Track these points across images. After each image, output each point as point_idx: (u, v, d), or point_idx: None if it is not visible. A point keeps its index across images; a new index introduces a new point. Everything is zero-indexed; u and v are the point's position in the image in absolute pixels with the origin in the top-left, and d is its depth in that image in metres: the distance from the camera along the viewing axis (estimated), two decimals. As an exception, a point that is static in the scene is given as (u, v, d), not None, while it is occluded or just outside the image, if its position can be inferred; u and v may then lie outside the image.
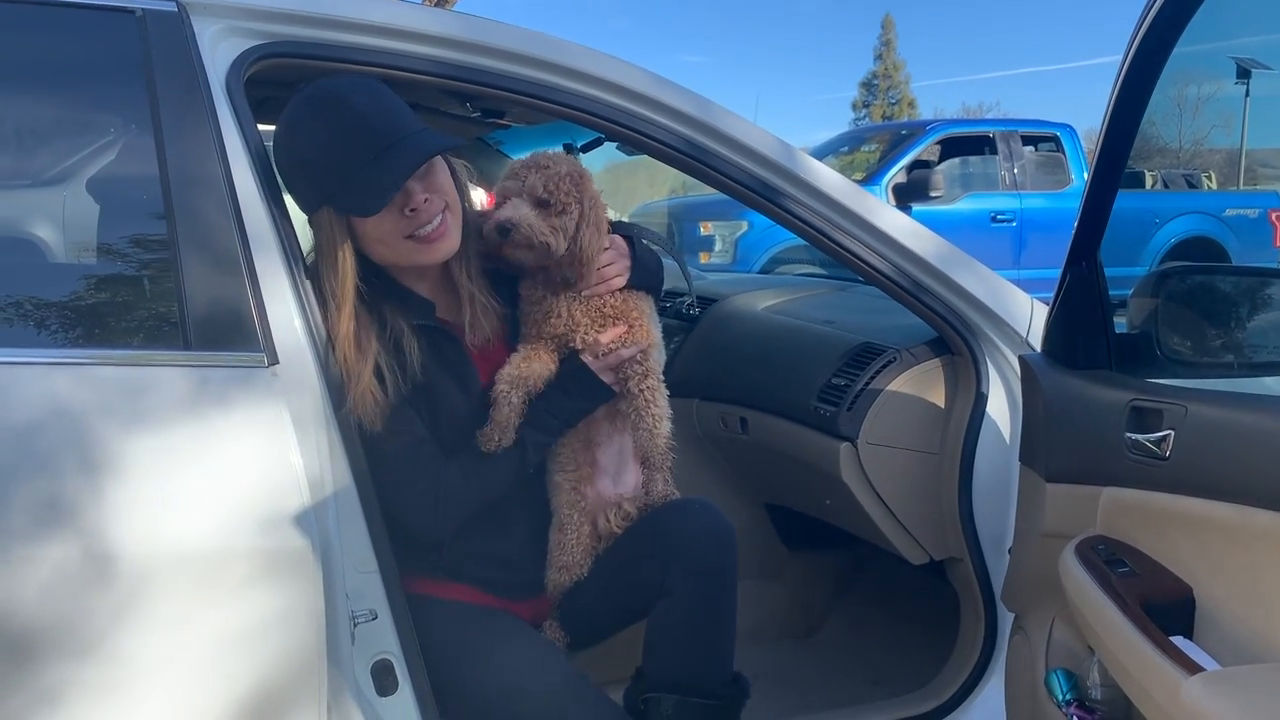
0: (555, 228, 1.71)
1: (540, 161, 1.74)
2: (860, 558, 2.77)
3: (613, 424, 1.86)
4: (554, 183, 1.72)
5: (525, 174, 1.73)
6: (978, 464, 2.03)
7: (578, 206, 1.73)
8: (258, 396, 1.44)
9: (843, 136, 10.74)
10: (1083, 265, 1.61)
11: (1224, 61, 7.77)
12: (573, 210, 1.73)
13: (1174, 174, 11.04)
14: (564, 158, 1.77)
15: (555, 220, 1.71)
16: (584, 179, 1.76)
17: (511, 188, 1.73)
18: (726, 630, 1.75)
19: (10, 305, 1.43)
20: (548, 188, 1.71)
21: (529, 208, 1.71)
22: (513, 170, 1.75)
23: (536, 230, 1.70)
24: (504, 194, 1.74)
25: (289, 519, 1.41)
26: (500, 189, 1.75)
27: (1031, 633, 1.70)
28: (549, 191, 1.71)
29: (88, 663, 1.32)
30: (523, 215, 1.70)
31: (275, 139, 1.62)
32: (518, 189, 1.72)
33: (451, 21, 1.75)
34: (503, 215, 1.70)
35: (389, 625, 1.56)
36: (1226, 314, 1.72)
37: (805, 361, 2.35)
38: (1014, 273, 8.19)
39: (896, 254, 1.99)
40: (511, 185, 1.73)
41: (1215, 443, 1.29)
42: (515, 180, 1.73)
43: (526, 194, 1.72)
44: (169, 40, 1.51)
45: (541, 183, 1.71)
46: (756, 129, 1.90)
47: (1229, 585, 1.26)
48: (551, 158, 1.75)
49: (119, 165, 1.60)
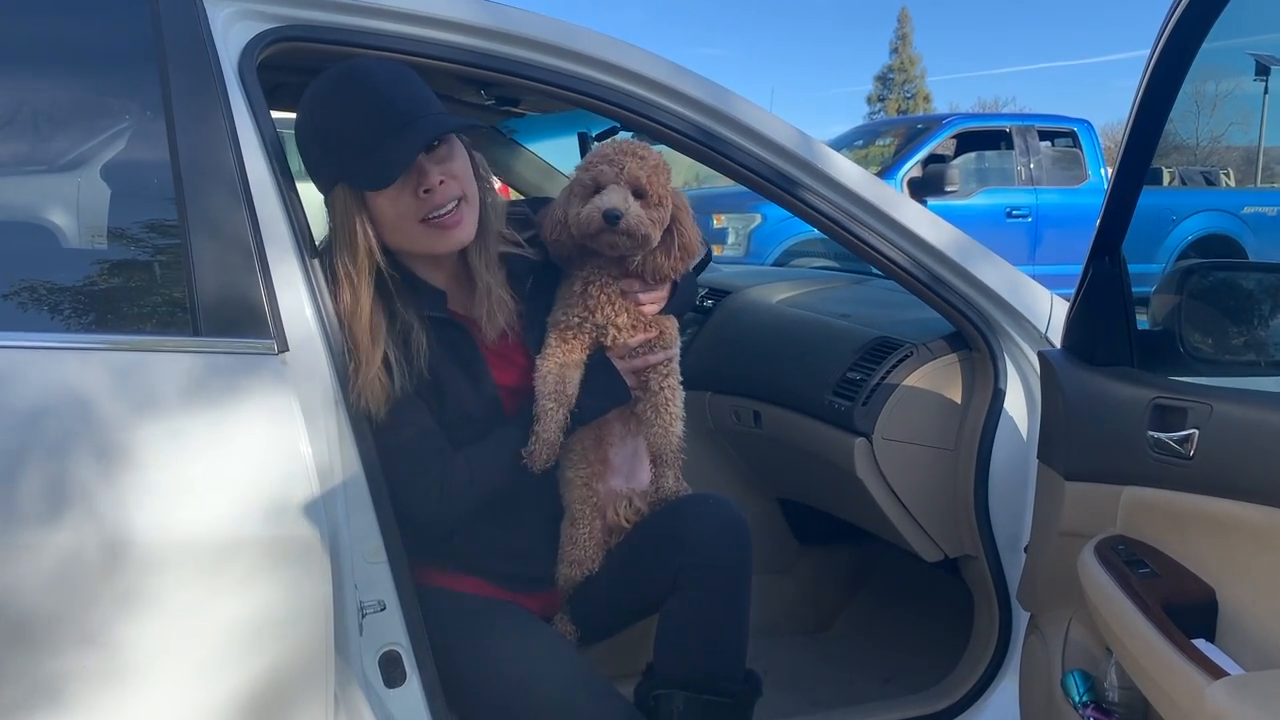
0: (654, 220, 1.71)
1: (636, 150, 1.72)
2: (873, 554, 2.75)
3: (625, 425, 1.85)
4: (653, 174, 1.70)
5: (623, 160, 1.70)
6: (994, 461, 2.01)
7: (670, 200, 1.73)
8: (267, 384, 1.42)
9: (858, 130, 10.70)
10: (1106, 260, 1.58)
11: (1243, 58, 7.71)
12: (667, 203, 1.73)
13: (1192, 171, 10.99)
14: (652, 149, 1.76)
15: (653, 212, 1.71)
16: (670, 173, 1.75)
17: (608, 174, 1.69)
18: (739, 627, 1.73)
19: (21, 290, 1.42)
20: (650, 179, 1.70)
21: (631, 196, 1.69)
22: (604, 155, 1.72)
23: (643, 221, 1.69)
24: (597, 178, 1.70)
25: (298, 508, 1.40)
26: (593, 173, 1.71)
27: (1047, 633, 1.68)
28: (650, 182, 1.70)
29: (93, 651, 1.31)
30: (630, 204, 1.68)
31: (298, 115, 1.61)
32: (614, 175, 1.69)
33: (468, 7, 1.73)
34: (609, 202, 1.67)
35: (398, 616, 1.54)
36: (1251, 311, 1.70)
37: (820, 355, 2.33)
38: (1029, 268, 8.09)
39: (914, 247, 1.97)
40: (608, 171, 1.70)
41: (1241, 442, 1.26)
42: (611, 166, 1.70)
43: (627, 182, 1.69)
44: (181, 24, 1.49)
45: (644, 173, 1.69)
46: (774, 119, 1.88)
47: (1254, 588, 1.23)
48: (645, 147, 1.74)
49: (130, 150, 1.58)
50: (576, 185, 1.74)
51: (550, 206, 1.80)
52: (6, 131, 1.53)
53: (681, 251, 1.77)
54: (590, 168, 1.73)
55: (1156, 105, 1.49)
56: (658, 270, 1.77)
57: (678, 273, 1.80)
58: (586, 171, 1.73)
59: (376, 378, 1.56)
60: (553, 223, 1.76)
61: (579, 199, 1.72)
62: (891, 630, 2.63)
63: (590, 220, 1.68)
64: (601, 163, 1.71)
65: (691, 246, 1.78)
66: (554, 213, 1.77)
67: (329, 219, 1.64)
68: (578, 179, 1.74)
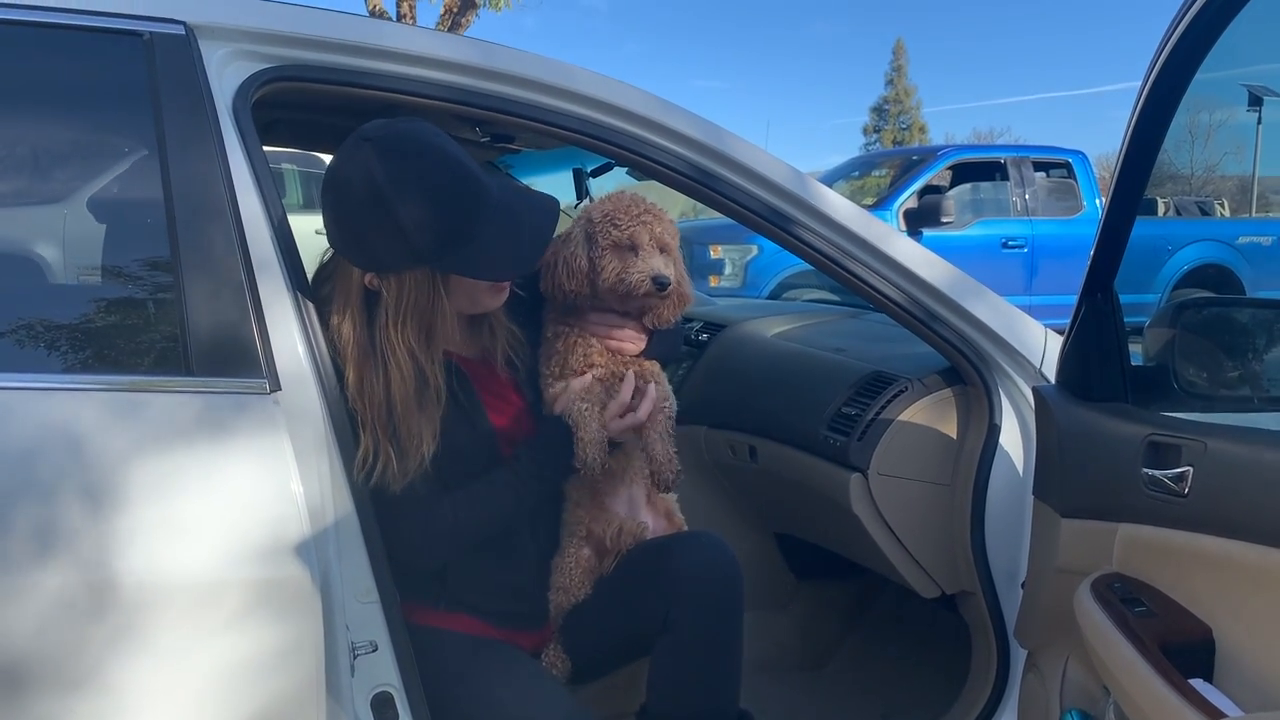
0: (678, 279, 1.81)
1: (659, 213, 1.81)
2: (871, 589, 2.73)
3: (620, 479, 1.86)
4: (674, 236, 1.80)
5: (651, 221, 1.78)
6: (990, 496, 2.00)
7: (677, 257, 1.83)
8: (259, 423, 1.41)
9: (854, 161, 10.74)
10: (1098, 296, 1.58)
11: (1236, 89, 7.76)
12: (678, 258, 1.83)
13: (1186, 201, 11.01)
14: (662, 209, 1.83)
15: (673, 269, 1.80)
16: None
17: (643, 235, 1.76)
18: (731, 667, 1.72)
19: (12, 329, 1.42)
20: (672, 241, 1.80)
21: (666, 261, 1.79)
22: (634, 215, 1.78)
23: (684, 285, 1.82)
24: (633, 239, 1.76)
25: (289, 548, 1.39)
26: (629, 232, 1.76)
27: (1045, 671, 1.67)
28: (671, 245, 1.80)
29: (81, 693, 1.29)
30: (673, 271, 1.78)
31: (357, 196, 1.53)
32: (648, 238, 1.77)
33: (461, 46, 1.74)
34: (658, 268, 1.75)
35: (390, 657, 1.53)
36: (1246, 346, 1.70)
37: (815, 390, 2.33)
38: (1025, 299, 8.16)
39: (908, 282, 1.97)
40: (642, 233, 1.76)
41: (1236, 480, 1.26)
42: (644, 228, 1.77)
43: (656, 244, 1.78)
44: (176, 63, 1.50)
45: (669, 236, 1.79)
46: (766, 155, 1.89)
47: (1251, 627, 1.22)
48: (656, 207, 1.82)
49: (124, 188, 1.58)
50: (605, 239, 1.77)
51: (562, 253, 1.79)
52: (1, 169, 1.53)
53: (680, 300, 1.85)
54: (622, 225, 1.76)
55: (1147, 141, 1.49)
56: (660, 318, 1.84)
57: (675, 318, 1.86)
58: (619, 229, 1.77)
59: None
60: (573, 272, 1.77)
61: (614, 255, 1.76)
62: (889, 667, 2.60)
63: (639, 284, 1.75)
64: (634, 223, 1.76)
65: (689, 295, 1.86)
66: (574, 261, 1.77)
67: (389, 296, 1.58)
68: (606, 233, 1.77)
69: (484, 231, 1.56)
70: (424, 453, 1.58)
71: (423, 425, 1.58)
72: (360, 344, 1.57)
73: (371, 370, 1.57)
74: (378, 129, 1.54)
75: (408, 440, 1.57)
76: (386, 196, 1.50)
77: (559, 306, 1.83)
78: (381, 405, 1.56)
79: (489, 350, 1.77)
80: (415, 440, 1.57)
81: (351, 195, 1.53)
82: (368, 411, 1.55)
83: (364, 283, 1.58)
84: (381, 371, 1.57)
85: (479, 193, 1.56)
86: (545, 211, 1.66)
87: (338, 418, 1.51)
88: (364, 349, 1.57)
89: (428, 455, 1.59)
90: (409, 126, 1.56)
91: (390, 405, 1.56)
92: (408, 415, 1.57)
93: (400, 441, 1.56)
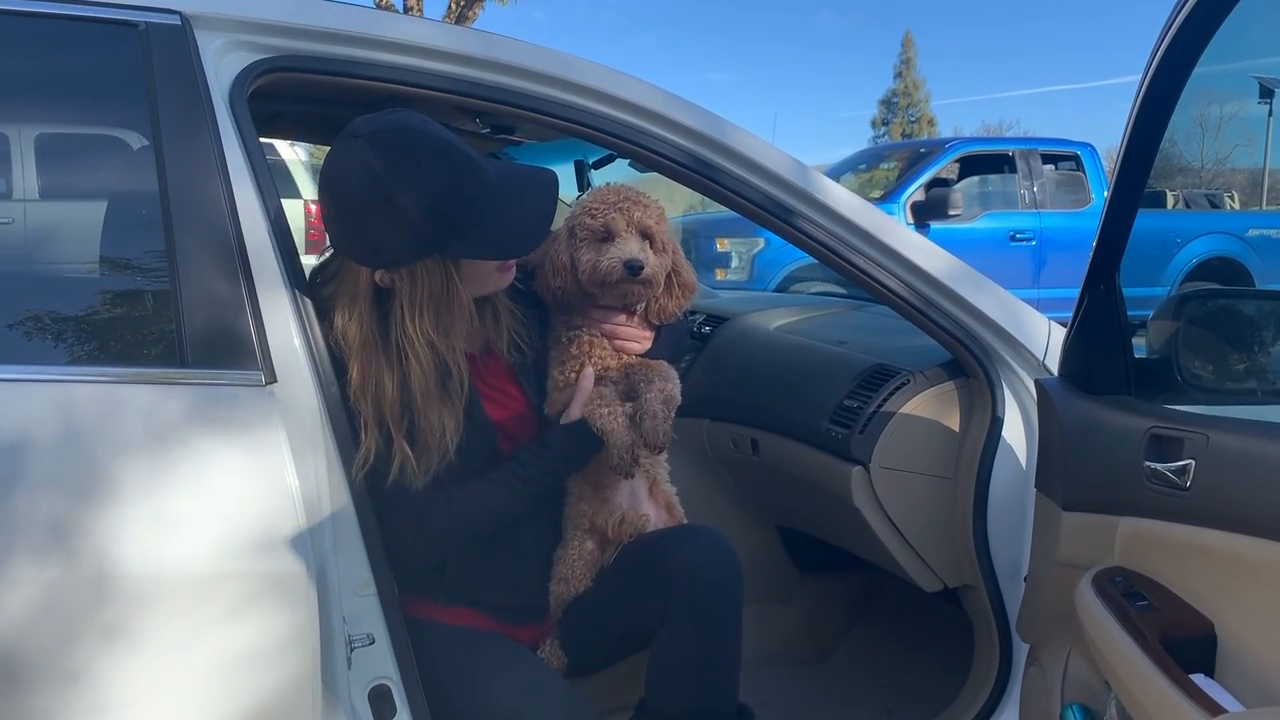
0: (663, 265, 1.77)
1: (638, 198, 1.77)
2: (874, 583, 2.72)
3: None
4: (658, 220, 1.77)
5: (630, 208, 1.74)
6: (993, 490, 1.99)
7: (670, 244, 1.79)
8: (255, 415, 1.41)
9: (862, 154, 10.70)
10: (1101, 288, 1.57)
11: (1247, 81, 7.72)
12: (669, 248, 1.79)
13: (1196, 193, 10.96)
14: (649, 196, 1.80)
15: (661, 258, 1.77)
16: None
17: (619, 221, 1.74)
18: (730, 661, 1.71)
19: (4, 320, 1.41)
20: (656, 226, 1.76)
21: (642, 245, 1.75)
22: (610, 202, 1.76)
23: (659, 269, 1.76)
24: (608, 225, 1.74)
25: (284, 541, 1.38)
26: (603, 220, 1.74)
27: (1047, 665, 1.66)
28: (656, 230, 1.76)
29: (78, 687, 1.29)
30: (648, 254, 1.74)
31: (357, 192, 1.51)
32: (625, 223, 1.74)
33: (459, 36, 1.73)
34: (630, 252, 1.72)
35: (387, 650, 1.52)
36: (1249, 338, 1.68)
37: (817, 382, 2.32)
38: (1033, 292, 8.13)
39: (911, 274, 1.96)
40: (618, 219, 1.74)
41: (1238, 473, 1.25)
42: (621, 214, 1.74)
43: (635, 230, 1.74)
44: (171, 54, 1.49)
45: (651, 220, 1.75)
46: (769, 146, 1.88)
47: (1253, 622, 1.21)
48: (643, 194, 1.79)
49: (119, 180, 1.58)
50: (582, 230, 1.75)
51: (549, 251, 1.78)
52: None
53: (682, 291, 1.82)
54: (597, 215, 1.74)
55: (1150, 131, 1.47)
56: (663, 311, 1.81)
57: (681, 310, 1.83)
58: (594, 218, 1.74)
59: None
60: (557, 269, 1.76)
61: (589, 246, 1.74)
62: (892, 660, 2.60)
63: (611, 270, 1.71)
64: (610, 210, 1.74)
65: (691, 285, 1.83)
66: (557, 258, 1.76)
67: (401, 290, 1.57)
68: (583, 224, 1.75)
69: (487, 212, 1.55)
70: (448, 444, 1.58)
71: (445, 416, 1.58)
72: (368, 344, 1.56)
73: (384, 368, 1.55)
74: (366, 124, 1.52)
75: (429, 433, 1.57)
76: (387, 187, 1.48)
77: (556, 306, 1.82)
78: (394, 404, 1.55)
79: (493, 339, 1.76)
80: (437, 432, 1.58)
81: (351, 192, 1.51)
82: (372, 411, 1.55)
83: (374, 281, 1.57)
84: (398, 368, 1.56)
85: (477, 174, 1.56)
86: (544, 185, 1.64)
87: (334, 410, 1.51)
88: (372, 348, 1.56)
89: (452, 446, 1.59)
90: (398, 117, 1.55)
91: (407, 401, 1.56)
92: (428, 408, 1.57)
93: (419, 437, 1.56)
